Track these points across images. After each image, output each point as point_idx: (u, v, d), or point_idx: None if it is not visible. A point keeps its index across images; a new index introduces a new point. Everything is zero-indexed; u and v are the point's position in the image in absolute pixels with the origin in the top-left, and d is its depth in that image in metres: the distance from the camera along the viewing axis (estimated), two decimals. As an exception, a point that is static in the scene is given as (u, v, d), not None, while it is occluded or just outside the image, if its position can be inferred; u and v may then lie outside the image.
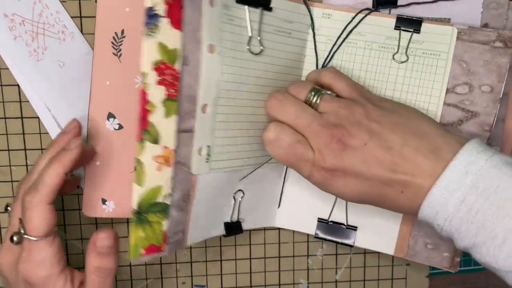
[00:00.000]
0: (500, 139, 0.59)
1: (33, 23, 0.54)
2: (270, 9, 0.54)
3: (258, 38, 0.54)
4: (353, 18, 0.58)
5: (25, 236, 0.49)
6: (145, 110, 0.47)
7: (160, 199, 0.49)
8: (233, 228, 0.58)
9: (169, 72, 0.47)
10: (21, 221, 0.50)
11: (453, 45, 0.56)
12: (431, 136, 0.49)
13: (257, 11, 0.53)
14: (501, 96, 0.56)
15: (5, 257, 0.52)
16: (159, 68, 0.46)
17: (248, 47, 0.53)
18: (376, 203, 0.51)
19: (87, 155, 0.57)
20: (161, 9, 0.46)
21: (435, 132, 0.49)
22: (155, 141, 0.47)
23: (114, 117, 0.58)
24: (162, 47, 0.46)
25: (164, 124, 0.48)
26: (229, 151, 0.53)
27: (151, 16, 0.45)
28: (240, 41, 0.52)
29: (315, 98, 0.52)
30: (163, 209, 0.49)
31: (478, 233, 0.45)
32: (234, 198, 0.58)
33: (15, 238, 0.49)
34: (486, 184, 0.45)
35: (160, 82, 0.47)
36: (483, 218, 0.44)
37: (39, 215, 0.49)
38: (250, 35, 0.53)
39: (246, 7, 0.52)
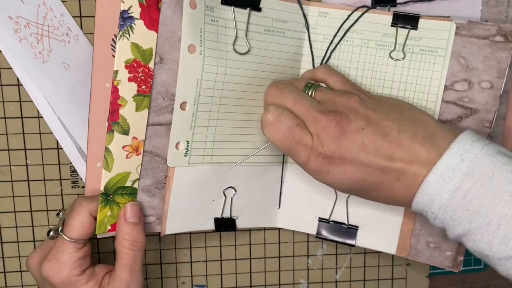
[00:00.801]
0: (501, 136, 0.58)
1: (38, 25, 0.54)
2: (259, 10, 0.55)
3: (245, 38, 0.54)
4: (349, 16, 0.57)
5: (61, 234, 0.51)
6: (116, 104, 0.50)
7: (128, 184, 0.53)
8: (224, 224, 0.59)
9: (142, 69, 0.50)
10: (63, 220, 0.52)
11: (451, 41, 0.55)
12: (426, 124, 0.50)
13: (245, 11, 0.54)
14: (501, 93, 0.55)
15: (36, 256, 0.53)
16: (131, 66, 0.50)
17: (233, 47, 0.54)
18: (371, 193, 0.51)
19: None
20: (135, 11, 0.49)
21: (430, 120, 0.50)
22: (125, 132, 0.51)
23: (113, 117, 0.59)
24: (136, 47, 0.50)
25: (134, 117, 0.51)
26: (213, 147, 0.56)
27: (125, 18, 0.49)
28: (225, 41, 0.53)
29: (311, 91, 0.53)
30: (131, 192, 0.53)
31: (473, 220, 0.45)
32: (225, 194, 0.58)
33: (51, 233, 0.52)
34: (482, 172, 0.45)
35: (131, 79, 0.50)
36: (478, 205, 0.45)
37: (80, 220, 0.51)
38: (235, 35, 0.54)
39: (232, 8, 0.53)
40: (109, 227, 0.53)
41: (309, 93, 0.53)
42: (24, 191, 0.61)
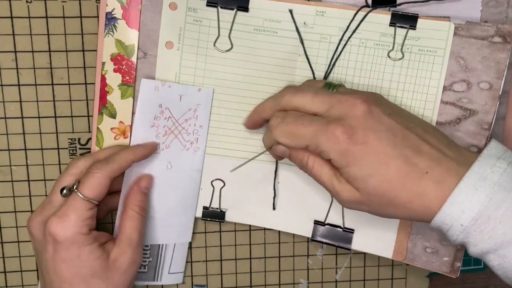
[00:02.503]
0: (501, 137, 0.59)
1: (176, 123, 0.59)
2: (246, 10, 0.57)
3: (228, 37, 0.57)
4: (354, 17, 0.57)
5: (76, 191, 0.52)
6: (104, 91, 0.58)
7: None
8: (211, 214, 0.62)
9: (125, 62, 0.58)
10: (78, 181, 0.53)
11: (450, 41, 0.56)
12: (442, 132, 0.51)
13: (231, 12, 0.57)
14: (500, 93, 0.55)
15: (37, 216, 0.54)
16: (115, 59, 0.57)
17: (214, 45, 0.57)
18: (393, 188, 0.48)
19: None
20: (118, 12, 0.56)
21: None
22: (112, 116, 0.59)
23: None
24: (119, 43, 0.57)
25: (120, 104, 0.58)
26: None
27: (110, 18, 0.56)
28: (207, 40, 0.57)
29: (331, 89, 0.53)
30: None
31: (507, 232, 0.43)
32: (212, 185, 0.61)
33: (64, 191, 0.53)
34: None
35: (116, 70, 0.58)
36: None
37: (97, 181, 0.53)
38: (218, 34, 0.57)
39: (217, 9, 0.56)
40: None
41: (331, 90, 0.53)
42: (24, 191, 0.62)
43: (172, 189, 0.60)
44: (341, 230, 0.61)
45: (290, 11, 0.57)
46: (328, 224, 0.61)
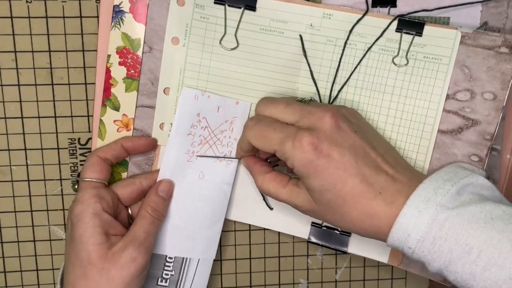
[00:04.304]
0: (501, 138, 0.60)
1: (211, 134, 0.60)
2: (254, 9, 0.58)
3: (234, 35, 0.59)
4: (359, 20, 0.58)
5: (77, 178, 0.59)
6: (108, 83, 0.59)
7: None
8: None
9: (131, 56, 0.59)
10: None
11: (456, 49, 0.56)
12: (398, 153, 0.55)
13: (239, 11, 0.58)
14: (504, 104, 0.56)
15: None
16: (121, 52, 0.59)
17: (220, 43, 0.59)
18: (346, 203, 0.50)
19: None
20: (125, 6, 0.58)
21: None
22: (116, 108, 0.60)
23: (115, 119, 0.61)
24: (126, 37, 0.58)
25: (124, 97, 0.60)
26: None
27: (117, 11, 0.58)
28: (213, 37, 0.59)
29: (302, 103, 0.56)
30: (122, 163, 0.62)
31: (453, 249, 0.45)
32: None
33: (76, 186, 0.61)
34: (454, 204, 0.47)
35: (121, 63, 0.59)
36: (456, 234, 0.45)
37: (89, 162, 0.57)
38: (224, 32, 0.58)
39: (224, 7, 0.58)
40: None
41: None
42: (24, 191, 0.63)
43: (201, 199, 0.61)
44: (338, 233, 0.62)
45: (300, 37, 0.59)
46: (325, 226, 0.62)
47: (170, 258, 0.61)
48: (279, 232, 0.67)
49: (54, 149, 0.62)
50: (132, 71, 0.59)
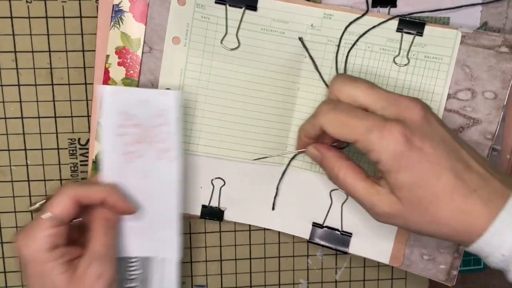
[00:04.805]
0: (501, 137, 0.61)
1: (146, 130, 0.56)
2: (255, 9, 0.58)
3: (236, 35, 0.59)
4: (356, 19, 0.59)
5: (40, 207, 0.57)
6: (107, 84, 0.59)
7: None
8: (210, 212, 0.63)
9: (130, 56, 0.59)
10: (47, 198, 0.55)
11: (456, 49, 0.57)
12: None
13: (240, 10, 0.58)
14: (505, 103, 0.57)
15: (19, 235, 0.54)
16: (120, 52, 0.59)
17: (222, 43, 0.59)
18: (440, 200, 0.46)
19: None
20: (125, 5, 0.58)
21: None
22: None
23: (115, 119, 0.61)
24: (125, 36, 0.58)
25: None
26: (199, 136, 0.61)
27: (117, 11, 0.58)
28: (214, 37, 0.59)
29: None
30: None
31: None
32: (212, 184, 0.62)
33: (37, 205, 0.59)
34: None
35: (120, 64, 0.59)
36: None
37: (60, 199, 0.52)
38: (225, 32, 0.59)
39: (225, 7, 0.58)
40: None
41: None
42: (24, 191, 0.63)
43: (149, 200, 0.58)
44: (339, 233, 0.63)
45: (300, 39, 0.59)
46: (326, 226, 0.63)
47: (133, 258, 0.59)
48: (279, 232, 0.67)
49: (54, 149, 0.63)
50: (132, 71, 0.59)
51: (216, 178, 0.62)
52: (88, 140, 0.62)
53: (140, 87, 0.59)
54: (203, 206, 0.63)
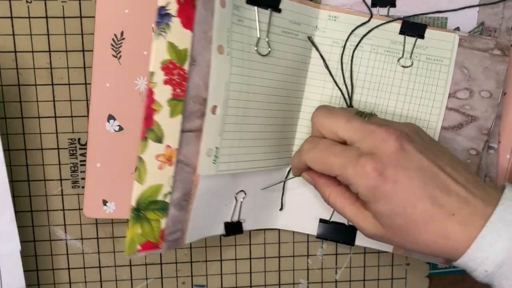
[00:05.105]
0: (497, 136, 0.63)
1: None
2: (279, 11, 0.57)
3: (266, 39, 0.56)
4: (363, 23, 0.60)
5: None
6: (151, 109, 0.49)
7: (160, 197, 0.51)
8: (233, 228, 0.61)
9: (177, 72, 0.49)
10: None
11: (455, 51, 0.60)
12: (471, 171, 0.51)
13: (266, 12, 0.56)
14: (499, 102, 0.60)
15: None
16: (167, 67, 0.49)
17: (256, 48, 0.55)
18: (419, 227, 0.48)
19: None
20: (173, 8, 0.48)
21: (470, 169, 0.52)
22: (159, 140, 0.50)
23: (114, 119, 0.61)
24: (172, 47, 0.48)
25: (169, 124, 0.50)
26: (238, 153, 0.56)
27: (163, 15, 0.48)
28: (249, 42, 0.54)
29: (363, 116, 0.53)
30: (163, 207, 0.52)
31: None
32: (236, 198, 0.61)
33: None
34: None
35: (167, 82, 0.49)
36: None
37: None
38: (258, 36, 0.55)
39: (256, 8, 0.54)
40: (139, 247, 0.51)
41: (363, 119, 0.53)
42: (24, 191, 0.64)
43: None
44: (346, 227, 0.64)
45: (309, 38, 0.60)
46: (333, 221, 0.65)
47: None
48: (279, 232, 0.68)
49: (54, 149, 0.63)
50: (178, 90, 0.49)
51: (239, 191, 0.61)
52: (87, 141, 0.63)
53: (187, 107, 0.50)
54: (227, 223, 0.61)
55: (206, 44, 0.50)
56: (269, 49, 0.56)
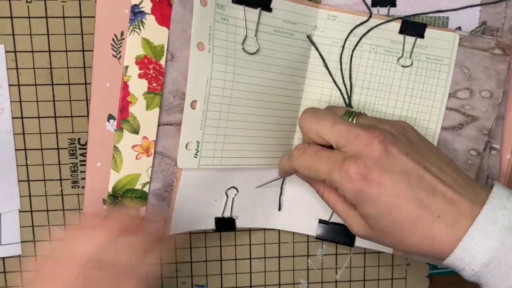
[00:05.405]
0: (500, 137, 0.63)
1: None
2: (270, 10, 0.58)
3: (254, 38, 0.57)
4: (360, 24, 0.60)
5: None
6: (126, 101, 0.53)
7: (138, 187, 0.55)
8: (224, 224, 0.62)
9: (153, 66, 0.52)
10: None
11: (455, 51, 0.60)
12: (461, 170, 0.51)
13: (255, 11, 0.57)
14: (499, 102, 0.60)
15: None
16: (142, 62, 0.52)
17: (242, 47, 0.56)
18: (404, 228, 0.48)
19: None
20: (147, 6, 0.52)
21: (460, 168, 0.52)
22: (135, 131, 0.54)
23: (114, 119, 0.61)
24: (147, 43, 0.52)
25: (145, 116, 0.54)
26: (223, 149, 0.58)
27: (136, 13, 0.52)
28: (235, 40, 0.56)
29: (351, 117, 0.54)
30: (141, 195, 0.55)
31: None
32: (227, 194, 0.62)
33: None
34: None
35: (142, 76, 0.53)
36: None
37: None
38: (245, 34, 0.57)
39: (243, 7, 0.56)
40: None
41: (350, 120, 0.54)
42: (24, 191, 0.64)
43: None
44: (345, 228, 0.63)
45: (309, 37, 0.60)
46: (332, 222, 0.64)
47: None
48: (279, 232, 0.68)
49: (54, 149, 0.63)
50: (154, 84, 0.53)
51: (230, 187, 0.62)
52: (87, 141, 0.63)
53: (164, 101, 0.54)
54: (217, 219, 0.62)
55: (186, 41, 0.53)
56: (257, 47, 0.57)
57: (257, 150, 0.61)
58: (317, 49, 0.61)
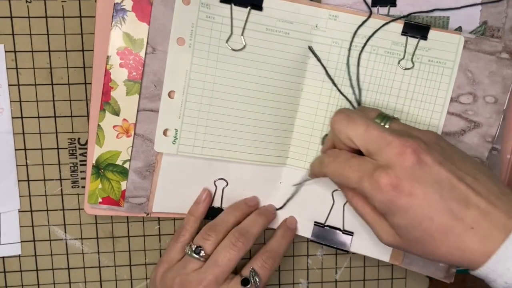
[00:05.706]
0: (501, 138, 0.63)
1: None
2: (260, 9, 0.59)
3: (241, 36, 0.59)
4: (362, 24, 0.60)
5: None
6: (108, 86, 0.59)
7: (119, 162, 0.61)
8: (213, 213, 0.63)
9: (133, 57, 0.58)
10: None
11: (459, 54, 0.59)
12: (496, 179, 0.50)
13: (245, 10, 0.58)
14: (505, 108, 0.59)
15: (161, 268, 0.61)
16: (122, 53, 0.58)
17: (227, 44, 0.59)
18: (435, 240, 0.48)
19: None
20: (128, 4, 0.57)
21: (496, 176, 0.51)
22: (116, 113, 0.59)
23: (115, 119, 0.62)
24: (128, 36, 0.58)
25: (125, 101, 0.59)
26: (205, 139, 0.61)
27: (118, 10, 0.57)
28: (219, 37, 0.59)
29: (384, 121, 0.53)
30: (122, 171, 0.61)
31: None
32: (215, 185, 0.63)
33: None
34: None
35: (122, 65, 0.58)
36: None
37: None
38: (231, 32, 0.59)
39: (230, 6, 0.58)
40: (100, 200, 0.61)
41: (383, 124, 0.53)
42: (24, 191, 0.64)
43: None
44: (341, 232, 0.63)
45: (310, 48, 0.60)
46: (328, 226, 0.64)
47: None
48: (279, 232, 0.68)
49: (54, 149, 0.64)
50: (134, 73, 0.58)
51: (219, 179, 0.63)
52: (87, 140, 0.63)
53: (143, 89, 0.59)
54: None
55: (167, 36, 0.58)
56: (244, 44, 0.59)
57: (245, 145, 0.62)
58: (316, 57, 0.60)
